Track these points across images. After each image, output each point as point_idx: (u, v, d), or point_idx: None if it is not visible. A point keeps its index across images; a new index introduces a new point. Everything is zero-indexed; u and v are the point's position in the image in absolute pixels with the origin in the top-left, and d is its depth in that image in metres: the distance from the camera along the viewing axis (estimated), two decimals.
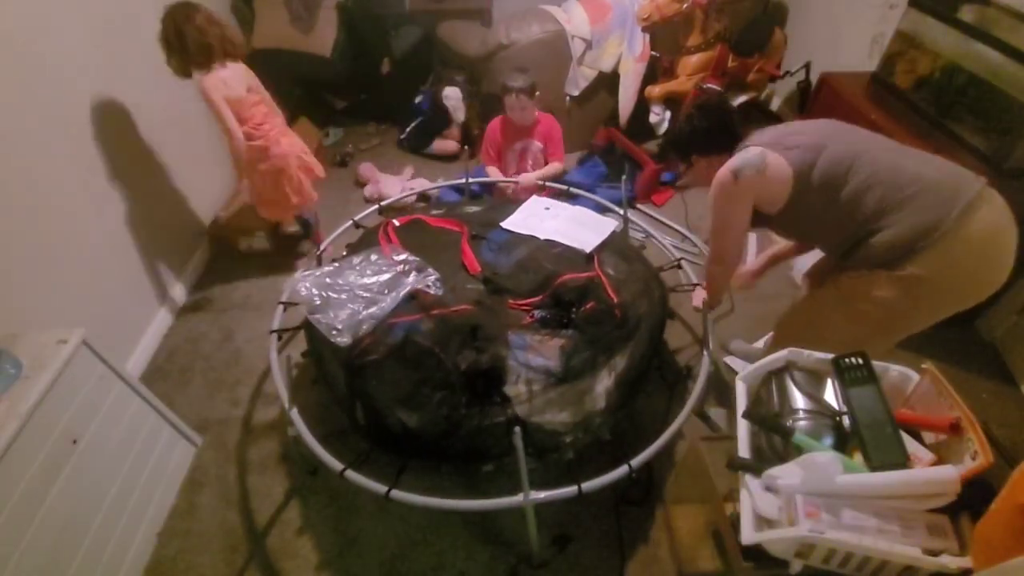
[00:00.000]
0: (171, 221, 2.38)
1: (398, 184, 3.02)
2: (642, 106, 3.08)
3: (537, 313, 1.64)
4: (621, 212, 2.16)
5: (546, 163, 2.67)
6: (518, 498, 1.30)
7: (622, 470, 1.34)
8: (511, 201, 2.20)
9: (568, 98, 3.10)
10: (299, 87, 3.78)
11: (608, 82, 3.09)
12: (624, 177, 2.24)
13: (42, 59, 1.74)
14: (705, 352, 1.66)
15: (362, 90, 3.59)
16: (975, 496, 1.01)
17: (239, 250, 2.65)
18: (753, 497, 1.09)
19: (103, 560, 1.43)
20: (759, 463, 1.14)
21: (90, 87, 1.94)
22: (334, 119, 3.65)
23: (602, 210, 2.22)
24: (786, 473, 1.07)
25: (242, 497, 1.73)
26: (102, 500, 1.45)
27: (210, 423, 1.93)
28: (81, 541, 1.37)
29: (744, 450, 1.18)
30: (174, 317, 2.35)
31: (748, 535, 1.06)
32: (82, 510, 1.39)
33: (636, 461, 1.35)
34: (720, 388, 1.97)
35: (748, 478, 1.12)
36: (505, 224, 1.98)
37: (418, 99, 3.37)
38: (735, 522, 1.11)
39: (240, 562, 1.58)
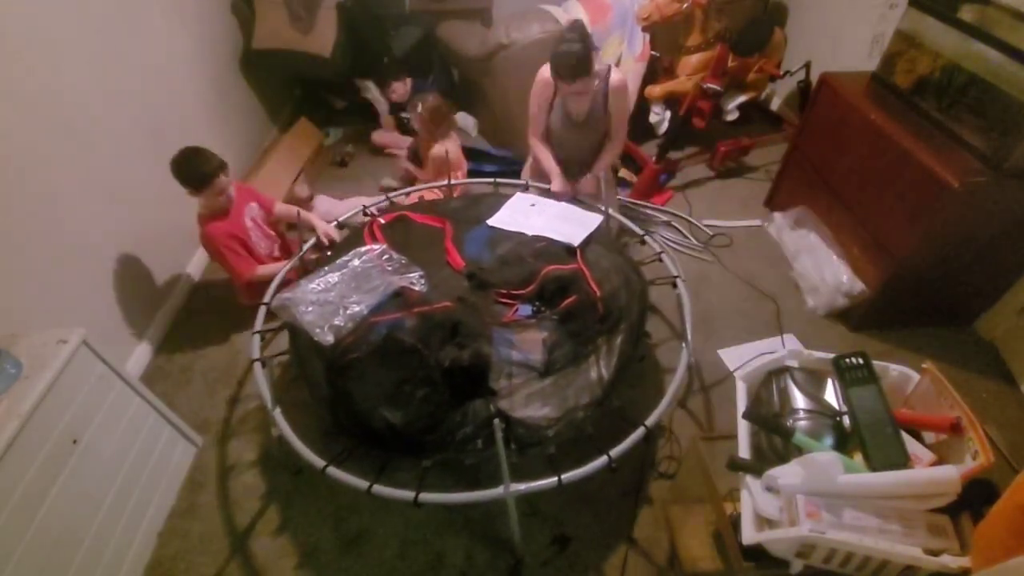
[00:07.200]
0: (171, 221, 2.37)
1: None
2: (642, 106, 3.08)
3: (520, 307, 1.64)
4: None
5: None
6: (499, 490, 1.30)
7: (602, 460, 1.34)
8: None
9: None
10: (299, 87, 3.78)
11: None
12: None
13: (40, 60, 1.73)
14: (684, 345, 1.66)
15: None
16: (976, 496, 1.01)
17: None
18: (754, 497, 1.09)
19: (103, 560, 1.43)
20: (759, 463, 1.14)
21: (90, 88, 1.94)
22: (334, 119, 3.65)
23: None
24: (787, 473, 1.07)
25: (243, 497, 1.73)
26: (102, 500, 1.45)
27: (210, 423, 1.93)
28: (81, 541, 1.37)
29: (744, 450, 1.18)
30: (174, 317, 2.35)
31: (749, 535, 1.06)
32: (82, 510, 1.39)
33: (615, 451, 1.36)
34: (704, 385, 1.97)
35: (748, 478, 1.12)
36: (491, 222, 1.99)
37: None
38: (735, 522, 1.11)
39: (240, 561, 1.58)
